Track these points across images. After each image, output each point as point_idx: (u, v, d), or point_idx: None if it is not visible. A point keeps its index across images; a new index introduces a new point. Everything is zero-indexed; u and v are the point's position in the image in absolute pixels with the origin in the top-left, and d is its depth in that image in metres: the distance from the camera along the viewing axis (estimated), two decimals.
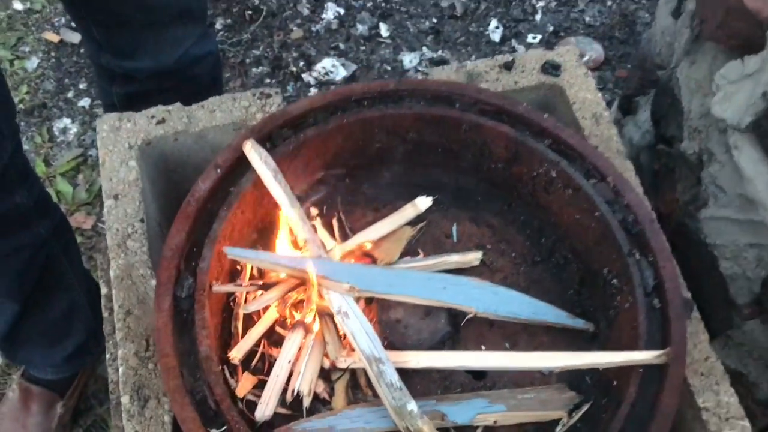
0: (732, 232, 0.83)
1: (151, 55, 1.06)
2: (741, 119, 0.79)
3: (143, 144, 0.79)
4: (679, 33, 1.01)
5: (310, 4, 1.91)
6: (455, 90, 0.70)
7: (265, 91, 0.83)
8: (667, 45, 1.12)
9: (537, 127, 0.70)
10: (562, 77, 0.86)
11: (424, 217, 0.74)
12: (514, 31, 1.87)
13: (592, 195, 0.66)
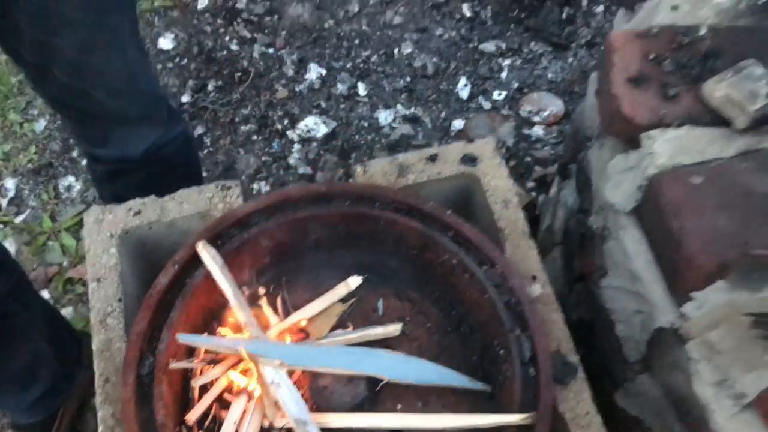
0: (623, 300, 0.97)
1: (119, 147, 1.22)
2: (625, 205, 0.94)
3: (122, 233, 0.95)
4: (596, 116, 1.16)
5: (294, 66, 2.08)
6: (375, 192, 0.85)
7: (226, 184, 0.98)
8: (592, 121, 1.26)
9: (442, 222, 0.84)
10: (479, 167, 1.01)
11: (354, 294, 0.89)
12: (481, 88, 2.02)
13: (483, 280, 0.81)
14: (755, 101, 0.86)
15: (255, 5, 2.18)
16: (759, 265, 0.77)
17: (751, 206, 0.82)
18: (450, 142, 1.94)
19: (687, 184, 0.85)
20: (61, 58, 1.03)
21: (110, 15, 1.04)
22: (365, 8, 2.17)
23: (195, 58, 2.09)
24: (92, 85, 1.10)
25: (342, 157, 1.93)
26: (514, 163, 1.88)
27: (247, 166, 1.92)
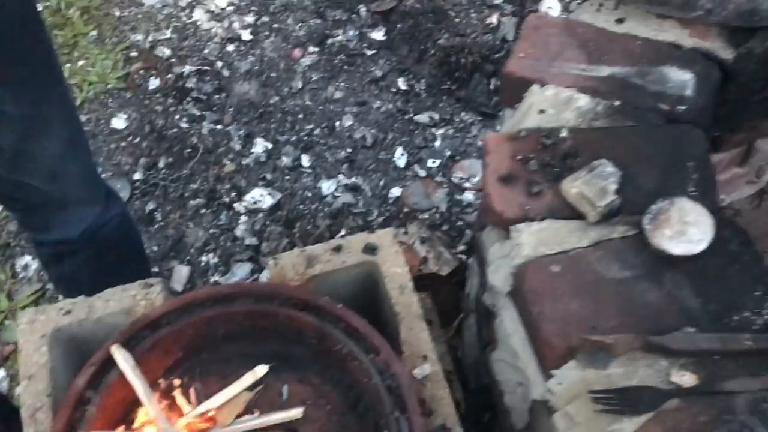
0: (508, 372, 1.08)
1: (59, 231, 1.31)
2: (503, 288, 1.05)
3: (54, 331, 1.05)
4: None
5: (241, 141, 2.21)
6: (274, 290, 0.97)
7: (149, 282, 1.09)
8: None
9: (334, 315, 0.95)
10: (379, 255, 1.12)
11: (261, 382, 0.99)
12: (417, 157, 2.16)
13: (369, 367, 0.91)
14: (604, 197, 0.99)
15: (204, 84, 2.32)
16: (601, 346, 0.88)
17: (600, 292, 0.94)
18: (388, 208, 2.07)
19: (547, 272, 0.97)
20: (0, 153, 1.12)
21: (43, 105, 1.13)
22: (308, 84, 2.31)
23: (147, 137, 2.20)
24: (29, 175, 1.18)
25: (287, 227, 2.04)
26: (447, 228, 2.01)
27: (196, 239, 2.02)
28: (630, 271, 0.96)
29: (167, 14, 2.50)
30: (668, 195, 0.98)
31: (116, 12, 2.52)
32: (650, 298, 0.93)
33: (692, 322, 0.91)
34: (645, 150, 1.06)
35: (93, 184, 1.33)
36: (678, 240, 0.95)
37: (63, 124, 1.19)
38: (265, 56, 2.38)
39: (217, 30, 2.43)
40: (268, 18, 2.46)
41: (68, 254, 1.36)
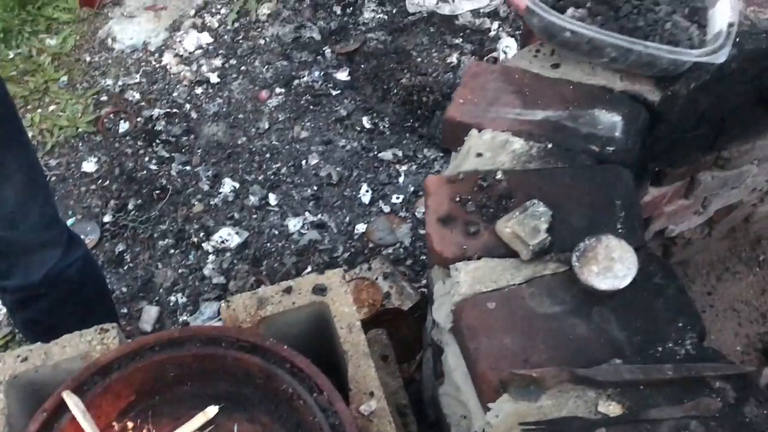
0: (454, 405, 1.12)
1: (22, 276, 1.35)
2: (446, 324, 1.10)
3: (11, 378, 1.08)
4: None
5: (209, 181, 2.25)
6: (221, 333, 1.01)
7: (104, 327, 1.13)
8: None
9: (279, 356, 1.00)
10: (328, 296, 1.16)
11: (213, 422, 1.02)
12: (381, 193, 2.21)
13: (313, 406, 0.95)
14: (536, 236, 1.04)
15: (173, 126, 2.37)
16: (531, 380, 0.93)
17: (532, 327, 0.99)
18: (354, 244, 2.11)
19: (482, 309, 1.02)
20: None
21: (1, 154, 1.16)
22: (275, 125, 2.37)
23: (116, 179, 2.25)
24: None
25: (254, 265, 2.08)
26: (411, 262, 2.06)
27: (165, 279, 2.06)
28: (560, 306, 1.01)
29: (137, 59, 2.56)
30: (596, 233, 1.04)
31: (87, 57, 2.58)
32: (579, 331, 0.98)
33: (619, 354, 0.96)
34: (576, 190, 1.12)
35: (54, 227, 1.36)
36: (604, 276, 1.00)
37: (21, 172, 1.22)
38: (232, 98, 2.44)
39: (186, 73, 2.49)
40: (236, 61, 2.53)
41: (32, 299, 1.39)
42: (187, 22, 2.63)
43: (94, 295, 1.53)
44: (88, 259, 1.49)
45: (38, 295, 1.39)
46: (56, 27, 2.63)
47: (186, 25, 2.62)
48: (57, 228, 1.37)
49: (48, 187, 1.37)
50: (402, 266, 2.03)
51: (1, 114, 1.16)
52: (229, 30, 2.62)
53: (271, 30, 2.60)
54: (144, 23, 2.63)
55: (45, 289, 1.36)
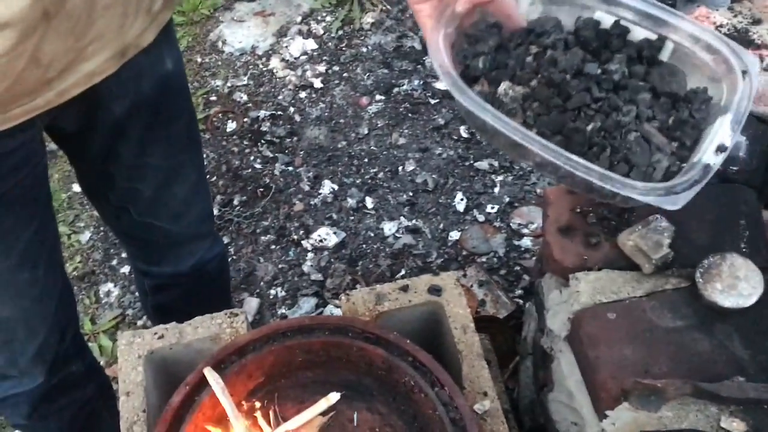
0: (565, 412, 1.14)
1: (172, 264, 1.44)
2: (561, 332, 1.12)
3: (148, 353, 1.17)
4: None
5: (310, 182, 2.34)
6: (348, 324, 1.06)
7: (234, 312, 1.20)
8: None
9: (402, 349, 1.04)
10: (443, 296, 1.21)
11: (334, 408, 1.08)
12: (476, 202, 2.24)
13: (434, 399, 1.00)
14: (659, 251, 1.05)
15: (277, 128, 2.47)
16: (653, 390, 0.94)
17: (653, 339, 1.01)
18: (447, 251, 2.15)
19: (603, 319, 1.04)
20: (140, 199, 1.24)
21: (182, 154, 1.26)
22: (374, 131, 2.43)
23: (223, 176, 2.36)
24: (159, 217, 1.30)
25: (350, 265, 2.15)
26: (505, 272, 2.08)
27: (266, 273, 2.15)
28: (682, 320, 1.02)
29: (245, 62, 2.68)
30: (720, 251, 1.04)
31: (198, 59, 2.72)
32: (701, 347, 0.99)
33: (742, 372, 0.96)
34: (698, 208, 1.12)
35: (208, 222, 1.45)
36: (728, 293, 1.00)
37: (192, 171, 1.30)
38: (334, 103, 2.52)
39: (291, 78, 2.59)
40: (339, 67, 2.62)
41: (169, 286, 1.48)
42: (294, 28, 2.74)
43: (222, 288, 1.62)
44: (225, 255, 1.57)
45: (179, 284, 1.47)
46: None
47: (292, 31, 2.73)
48: (210, 222, 1.46)
49: (208, 183, 1.46)
50: (496, 275, 2.05)
51: (186, 120, 1.25)
52: (333, 37, 2.71)
53: (374, 38, 2.68)
54: (253, 28, 2.75)
55: (186, 279, 1.45)
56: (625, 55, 0.88)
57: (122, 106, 1.08)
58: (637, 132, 0.84)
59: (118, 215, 1.30)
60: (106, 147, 1.14)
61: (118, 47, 0.98)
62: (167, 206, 1.29)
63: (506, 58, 0.88)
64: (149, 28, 1.02)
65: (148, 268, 1.46)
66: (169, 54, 1.13)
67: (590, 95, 0.85)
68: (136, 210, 1.27)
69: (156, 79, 1.11)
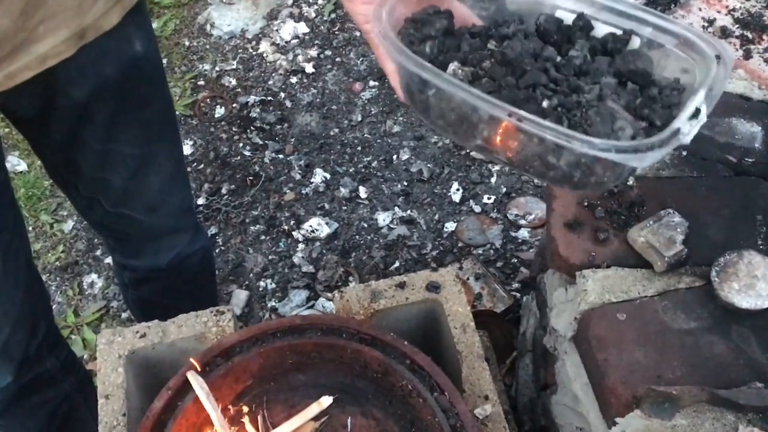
0: (569, 416, 1.09)
1: (150, 258, 1.37)
2: (566, 332, 1.06)
3: (129, 353, 1.10)
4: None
5: (301, 170, 2.27)
6: (342, 324, 1.00)
7: (220, 309, 1.14)
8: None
9: (399, 351, 0.98)
10: (442, 294, 1.14)
11: (326, 413, 1.02)
12: (472, 192, 2.18)
13: (433, 405, 0.94)
14: (671, 248, 0.99)
15: (267, 114, 2.39)
16: (668, 397, 0.88)
17: (666, 342, 0.95)
18: (443, 242, 2.09)
19: (612, 320, 0.98)
20: (110, 189, 1.17)
21: (156, 143, 1.18)
22: (367, 118, 2.36)
23: (211, 163, 2.28)
24: (131, 208, 1.24)
25: (342, 257, 2.08)
26: (501, 264, 2.02)
27: (255, 265, 2.08)
28: (696, 322, 0.96)
29: (234, 45, 2.60)
30: (736, 248, 0.99)
31: (186, 42, 2.63)
32: (717, 350, 0.94)
33: (760, 377, 0.91)
34: (712, 201, 1.07)
35: (188, 215, 1.38)
36: (746, 293, 0.95)
37: (168, 160, 1.23)
38: (326, 89, 2.45)
39: (282, 62, 2.51)
40: (331, 52, 2.54)
41: (149, 280, 1.41)
42: (285, 11, 2.66)
43: (206, 283, 1.56)
44: (209, 249, 1.51)
45: (158, 277, 1.41)
46: (158, 11, 2.69)
47: (283, 14, 2.64)
48: (191, 216, 1.39)
49: (188, 175, 1.39)
50: (492, 268, 2.00)
51: (161, 106, 1.18)
52: (325, 21, 2.63)
53: None
54: (242, 11, 2.66)
55: (166, 273, 1.38)
56: (588, 44, 0.79)
57: (82, 90, 1.01)
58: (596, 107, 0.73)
59: (90, 206, 1.23)
60: (69, 133, 1.07)
61: (75, 29, 0.90)
62: (141, 197, 1.22)
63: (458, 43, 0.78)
64: (112, 9, 0.95)
65: (126, 261, 1.40)
66: (138, 36, 1.04)
67: (547, 76, 0.75)
68: (108, 201, 1.20)
69: (122, 62, 1.03)
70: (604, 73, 0.76)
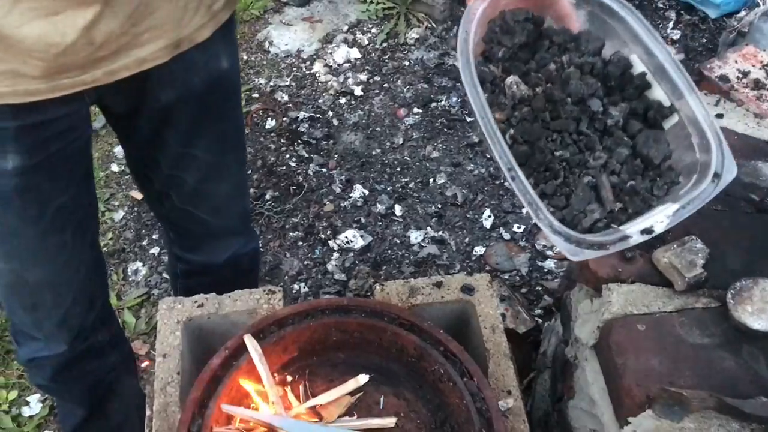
0: (584, 419, 1.17)
1: (206, 254, 1.47)
2: (588, 340, 1.15)
3: (187, 320, 1.21)
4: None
5: (342, 185, 2.39)
6: (384, 308, 1.10)
7: (272, 289, 1.24)
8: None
9: (435, 338, 1.08)
10: (475, 296, 1.24)
11: (361, 389, 1.11)
12: (503, 220, 2.28)
13: (463, 389, 1.03)
14: (692, 270, 1.09)
15: (315, 130, 2.53)
16: (678, 400, 0.97)
17: (680, 353, 1.03)
18: (471, 264, 2.18)
19: (632, 329, 1.07)
20: (183, 187, 1.29)
21: (228, 153, 1.30)
22: (408, 141, 2.49)
23: (258, 170, 2.41)
24: (200, 208, 1.35)
25: (374, 269, 2.18)
26: (526, 291, 2.11)
27: (291, 268, 2.19)
28: (709, 338, 1.05)
29: (289, 64, 2.75)
30: (752, 275, 1.07)
31: (244, 56, 2.79)
32: (727, 365, 1.02)
33: (766, 393, 0.99)
34: (733, 233, 1.16)
35: (246, 219, 1.50)
36: (759, 316, 1.03)
37: (236, 170, 1.36)
38: (372, 111, 2.58)
39: (333, 83, 2.66)
40: (380, 78, 2.68)
41: (202, 273, 1.51)
42: (340, 36, 2.81)
43: (252, 282, 1.66)
44: (258, 250, 1.61)
45: (210, 273, 1.51)
46: None
47: (338, 39, 2.80)
48: (248, 220, 1.51)
49: (249, 183, 1.50)
50: (517, 293, 2.08)
51: (236, 121, 1.29)
52: (377, 48, 2.77)
53: (417, 54, 2.74)
54: (300, 32, 2.82)
55: (218, 270, 1.48)
56: (629, 106, 0.90)
57: (169, 96, 1.12)
58: (592, 178, 0.85)
59: (160, 199, 1.35)
60: (154, 132, 1.18)
61: (173, 38, 1.01)
62: (208, 199, 1.33)
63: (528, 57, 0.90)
64: (207, 24, 1.06)
65: (182, 254, 1.50)
66: (226, 53, 1.16)
67: (576, 125, 0.87)
68: (178, 197, 1.32)
69: (208, 74, 1.14)
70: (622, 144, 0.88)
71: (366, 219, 2.30)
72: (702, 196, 0.85)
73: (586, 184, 0.84)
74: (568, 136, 0.87)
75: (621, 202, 0.85)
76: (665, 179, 0.88)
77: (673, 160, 0.89)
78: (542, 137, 0.86)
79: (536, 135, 0.86)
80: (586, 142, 0.87)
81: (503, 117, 0.87)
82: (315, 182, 2.38)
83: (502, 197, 2.33)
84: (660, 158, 0.88)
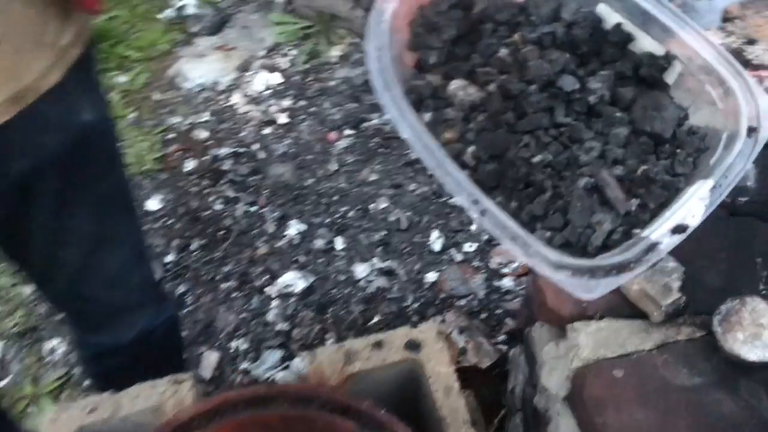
0: None
1: (110, 335, 1.26)
2: (559, 391, 0.97)
3: (77, 430, 0.99)
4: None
5: (275, 223, 2.18)
6: (312, 392, 0.90)
7: (179, 378, 1.03)
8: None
9: (376, 422, 0.88)
10: (423, 353, 1.05)
11: None
12: (452, 240, 2.10)
13: None
14: (669, 295, 0.92)
15: (240, 166, 2.32)
16: None
17: (669, 401, 0.86)
18: (424, 293, 2.00)
19: (609, 377, 0.89)
20: (65, 267, 1.08)
21: (112, 221, 1.10)
22: (343, 167, 2.30)
23: (181, 218, 2.19)
24: (89, 287, 1.15)
25: (319, 312, 1.98)
26: (486, 315, 1.93)
27: (227, 324, 1.97)
28: (700, 378, 0.88)
29: (205, 98, 2.54)
30: (737, 294, 0.91)
31: (155, 95, 2.57)
32: (725, 409, 0.85)
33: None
34: (707, 244, 0.99)
35: (151, 290, 1.29)
36: (752, 344, 0.87)
37: (127, 239, 1.16)
38: (301, 139, 2.38)
39: (255, 113, 2.45)
40: (305, 102, 2.49)
41: (112, 355, 1.30)
42: (257, 62, 2.61)
43: (173, 353, 1.45)
44: (175, 319, 1.41)
45: (119, 353, 1.30)
46: (127, 65, 2.64)
47: (256, 65, 2.60)
48: (154, 290, 1.30)
49: (149, 250, 1.30)
50: (476, 320, 1.90)
51: (116, 180, 1.09)
52: (299, 71, 2.58)
53: (342, 72, 2.56)
54: (214, 62, 2.62)
55: (128, 349, 1.27)
56: (612, 71, 0.71)
57: (22, 164, 0.90)
58: (590, 177, 0.66)
59: (42, 282, 1.14)
60: (12, 208, 0.97)
61: (11, 90, 0.81)
62: (98, 274, 1.13)
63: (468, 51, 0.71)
64: (54, 66, 0.85)
65: (84, 337, 1.29)
66: (89, 101, 0.95)
67: (550, 117, 0.67)
68: (63, 277, 1.11)
69: (67, 132, 0.92)
70: (616, 123, 0.68)
71: (305, 258, 2.10)
72: (740, 161, 0.64)
73: (584, 188, 0.65)
74: (543, 134, 0.67)
75: (637, 197, 0.65)
76: (687, 149, 0.67)
77: (690, 123, 0.68)
78: (511, 145, 0.66)
79: (503, 145, 0.66)
80: (570, 134, 0.67)
81: (455, 135, 0.67)
82: (245, 223, 2.17)
83: (448, 215, 2.15)
84: (669, 128, 0.67)
